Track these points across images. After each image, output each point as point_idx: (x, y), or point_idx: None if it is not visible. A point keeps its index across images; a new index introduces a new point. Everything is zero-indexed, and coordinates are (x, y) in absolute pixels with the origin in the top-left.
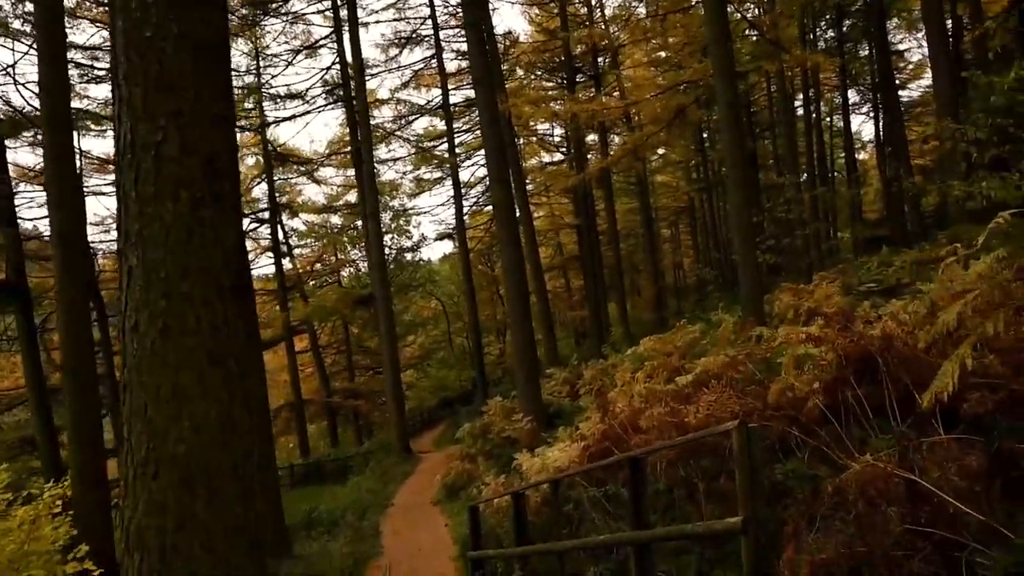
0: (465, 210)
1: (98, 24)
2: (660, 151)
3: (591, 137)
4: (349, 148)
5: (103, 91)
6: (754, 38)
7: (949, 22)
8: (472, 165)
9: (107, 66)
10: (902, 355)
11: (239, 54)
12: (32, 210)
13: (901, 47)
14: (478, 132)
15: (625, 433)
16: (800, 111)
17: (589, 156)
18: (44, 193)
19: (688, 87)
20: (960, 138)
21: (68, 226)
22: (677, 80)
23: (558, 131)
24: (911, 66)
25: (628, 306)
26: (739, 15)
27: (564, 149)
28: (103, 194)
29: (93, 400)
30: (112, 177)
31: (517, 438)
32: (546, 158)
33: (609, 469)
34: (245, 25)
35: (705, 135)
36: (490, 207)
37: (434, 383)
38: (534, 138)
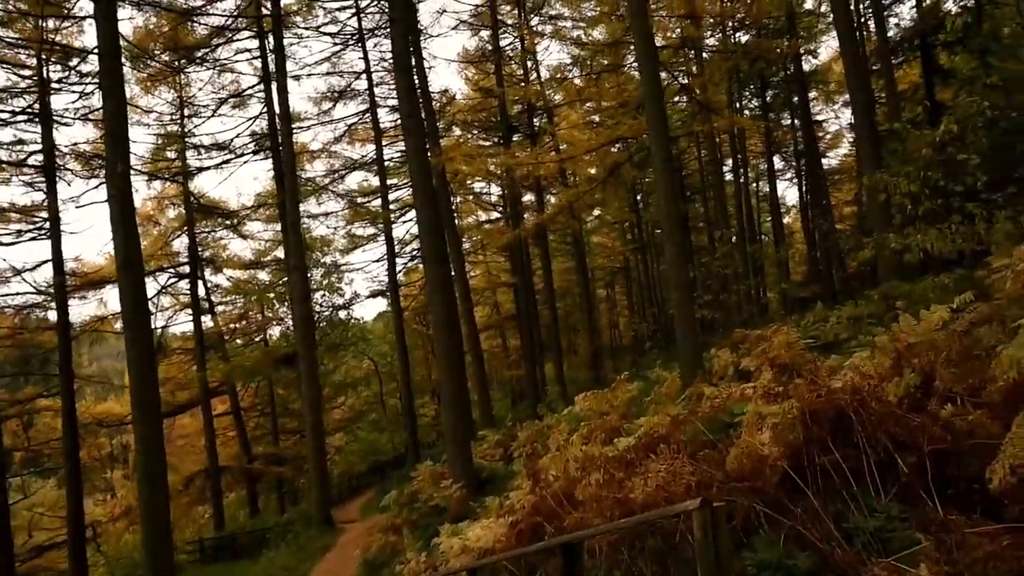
0: (400, 268)
1: None
2: (596, 212)
3: (528, 197)
4: (276, 200)
5: None
6: (685, 102)
7: None
8: (407, 221)
9: None
10: (876, 412)
11: (162, 103)
12: None
13: (819, 118)
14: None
15: (559, 506)
16: (729, 176)
17: (526, 216)
18: None
19: (622, 145)
20: (894, 190)
21: None
22: (612, 136)
23: (495, 191)
24: (829, 136)
25: (565, 365)
26: (671, 78)
27: (501, 208)
28: None
29: None
30: None
31: (446, 506)
32: (483, 216)
33: (541, 553)
34: (168, 72)
35: (639, 197)
36: (423, 265)
37: (364, 447)
38: (471, 196)
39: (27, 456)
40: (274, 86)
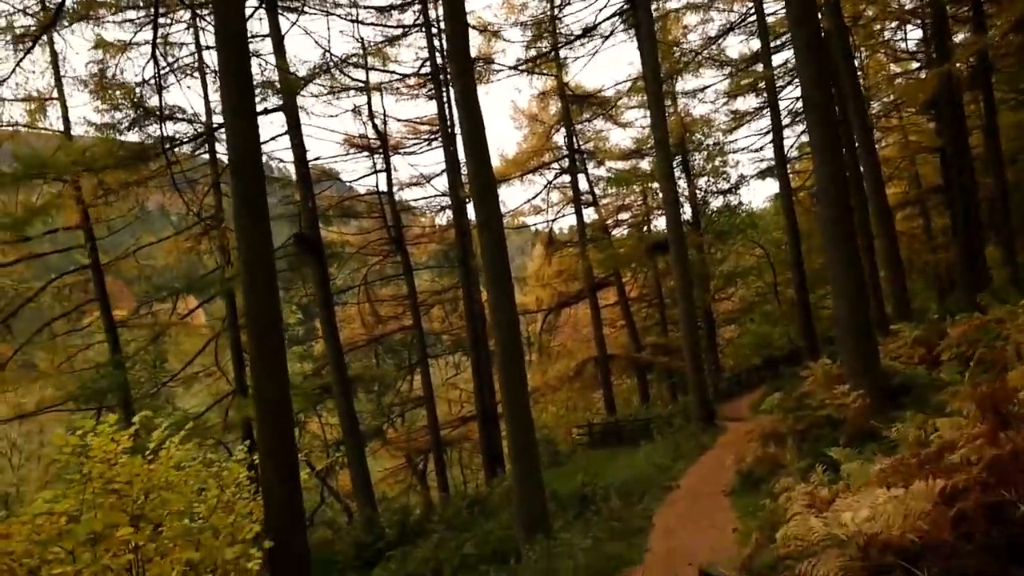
0: (790, 143)
1: None
2: None
3: (959, 37)
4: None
5: None
6: None
7: None
8: (795, 85)
9: None
10: None
11: None
12: None
13: None
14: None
15: None
16: None
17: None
18: None
19: None
20: None
21: None
22: None
23: (913, 35)
24: None
25: (1018, 246)
26: None
27: (921, 54)
28: None
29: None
30: None
31: (840, 417)
32: (895, 69)
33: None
34: None
35: None
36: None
37: (756, 339)
38: (880, 48)
39: (451, 338)
40: None
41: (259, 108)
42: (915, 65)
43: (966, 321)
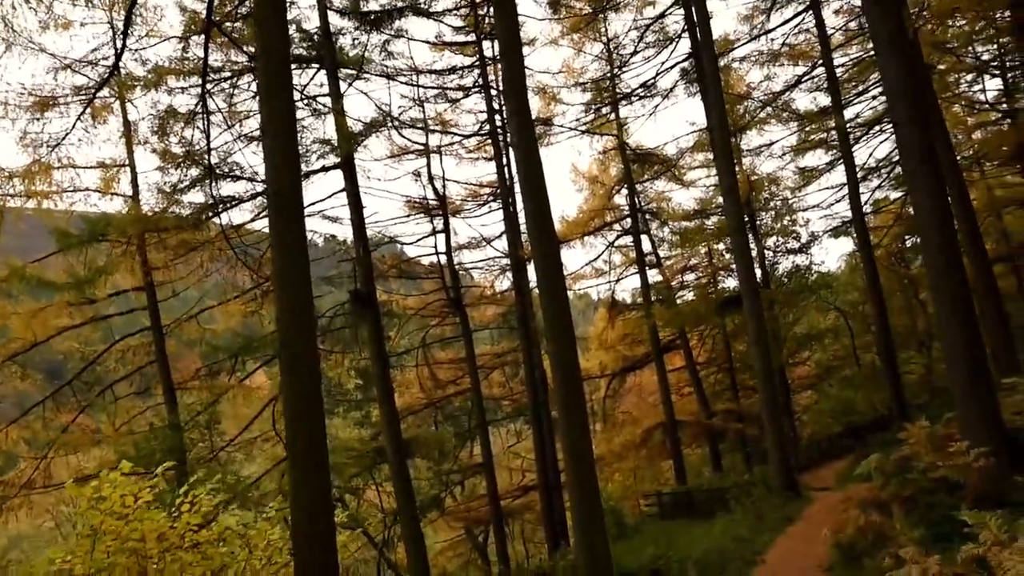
0: (866, 198)
1: None
2: None
3: None
4: (708, 140)
5: None
6: None
7: None
8: (872, 140)
9: None
10: None
11: (591, 58)
12: None
13: None
14: (876, 102)
15: None
16: None
17: None
18: None
19: None
20: None
21: None
22: None
23: (992, 85)
24: None
25: None
26: None
27: (1004, 105)
28: None
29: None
30: None
31: (958, 480)
32: (971, 121)
33: None
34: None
35: None
36: (897, 195)
37: (836, 405)
38: (957, 99)
39: (511, 404)
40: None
41: (317, 166)
42: (995, 116)
43: None
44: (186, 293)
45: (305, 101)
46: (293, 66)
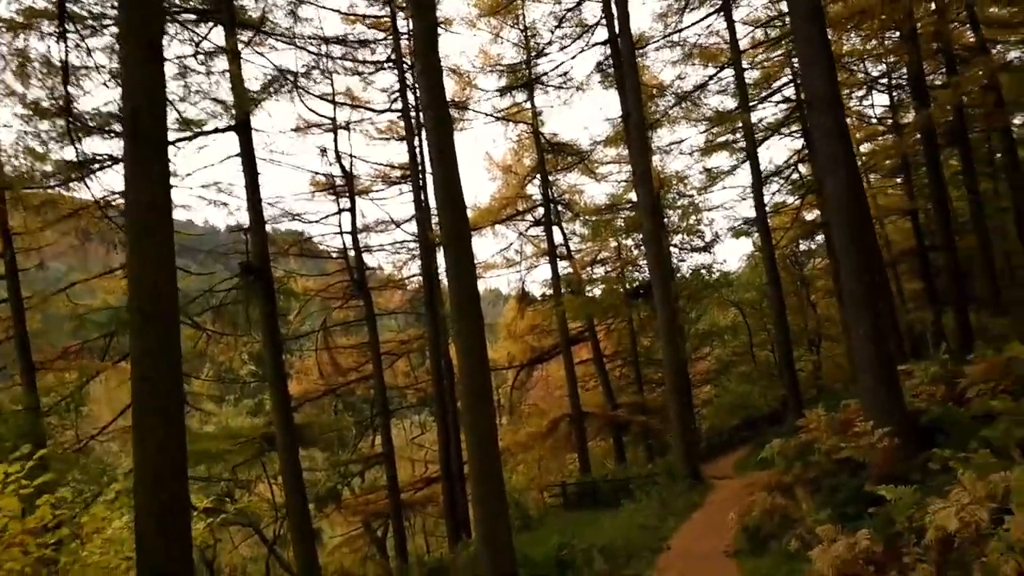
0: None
1: None
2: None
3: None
4: (623, 134)
5: None
6: None
7: None
8: (771, 145)
9: None
10: None
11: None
12: None
13: None
14: (777, 109)
15: None
16: None
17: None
18: None
19: None
20: None
21: None
22: None
23: (879, 101)
24: None
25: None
26: None
27: (888, 120)
28: None
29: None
30: None
31: (862, 460)
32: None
33: None
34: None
35: None
36: (793, 199)
37: (734, 399)
38: (849, 114)
39: (417, 395)
40: (613, 6)
41: (209, 127)
42: (881, 129)
43: (987, 359)
44: (60, 267)
45: (200, 59)
46: (189, 18)
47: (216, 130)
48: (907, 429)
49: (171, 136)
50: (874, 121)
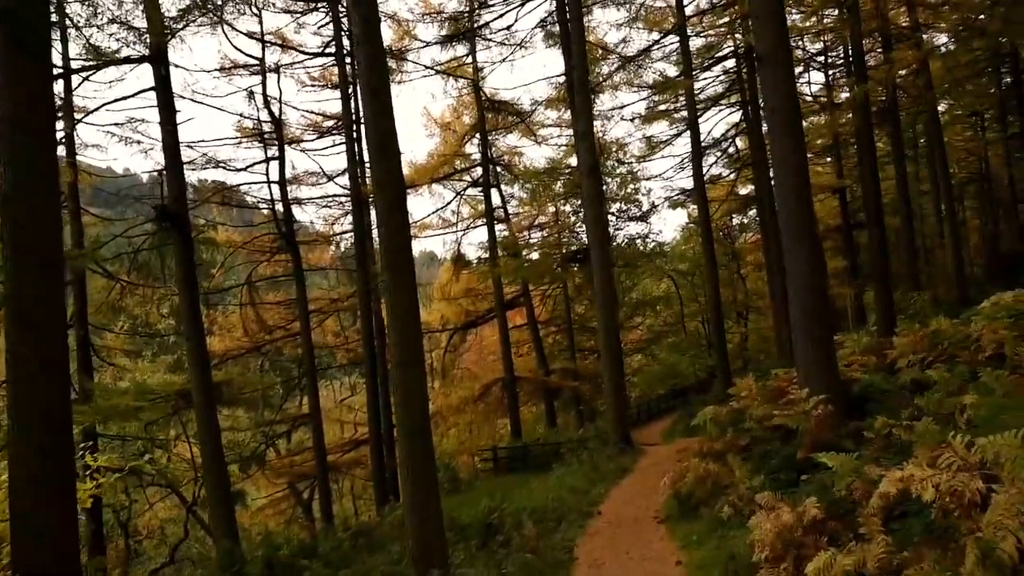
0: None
1: None
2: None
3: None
4: (566, 98)
5: None
6: None
7: None
8: (714, 115)
9: None
10: None
11: None
12: None
13: None
14: (718, 81)
15: None
16: None
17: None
18: None
19: None
20: None
21: None
22: None
23: (815, 78)
24: None
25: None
26: None
27: (824, 97)
28: None
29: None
30: None
31: (796, 427)
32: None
33: None
34: None
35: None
36: (729, 172)
37: (664, 369)
38: None
39: (347, 356)
40: None
41: (122, 55)
42: (815, 107)
43: (912, 332)
44: None
45: None
46: None
47: (128, 59)
48: (841, 397)
49: (78, 65)
50: (809, 99)
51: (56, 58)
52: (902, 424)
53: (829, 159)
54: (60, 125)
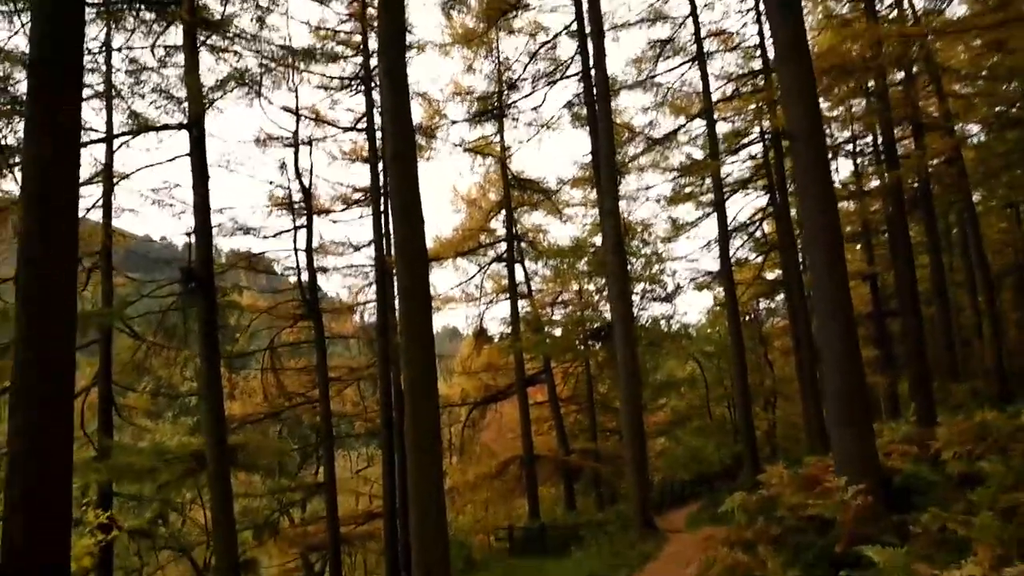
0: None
1: None
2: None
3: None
4: (592, 177)
5: None
6: None
7: None
8: (740, 197)
9: None
10: None
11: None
12: None
13: None
14: (744, 166)
15: None
16: None
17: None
18: None
19: None
20: None
21: None
22: None
23: (844, 166)
24: None
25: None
26: None
27: (853, 186)
28: None
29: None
30: None
31: (832, 518)
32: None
33: None
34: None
35: None
36: (755, 257)
37: (688, 453)
38: None
39: (366, 425)
40: (590, 46)
41: (160, 123)
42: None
43: (956, 423)
44: None
45: (156, 55)
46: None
47: (166, 127)
48: (881, 488)
49: (118, 130)
50: (839, 186)
51: (99, 124)
52: (957, 518)
53: (859, 246)
54: (99, 190)
